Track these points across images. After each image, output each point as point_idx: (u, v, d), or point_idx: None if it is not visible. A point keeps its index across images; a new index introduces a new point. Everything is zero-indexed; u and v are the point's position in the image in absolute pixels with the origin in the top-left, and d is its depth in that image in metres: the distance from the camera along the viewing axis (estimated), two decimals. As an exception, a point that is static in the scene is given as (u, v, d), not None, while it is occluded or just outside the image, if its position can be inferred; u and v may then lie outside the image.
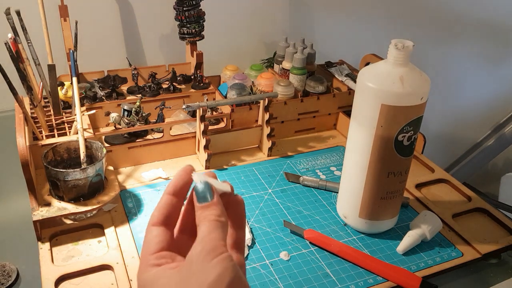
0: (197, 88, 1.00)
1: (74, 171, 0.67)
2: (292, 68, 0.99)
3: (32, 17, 0.86)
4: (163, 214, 0.37)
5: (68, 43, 0.91)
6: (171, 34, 1.12)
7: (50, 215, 0.66)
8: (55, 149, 0.72)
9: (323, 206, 0.79)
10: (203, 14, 0.99)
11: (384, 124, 0.63)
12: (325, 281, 0.64)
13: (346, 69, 1.08)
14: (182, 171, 0.38)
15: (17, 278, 0.63)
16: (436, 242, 0.72)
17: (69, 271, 0.63)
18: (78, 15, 0.92)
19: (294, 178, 0.84)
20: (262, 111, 0.89)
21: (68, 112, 0.88)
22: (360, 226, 0.73)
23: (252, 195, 0.80)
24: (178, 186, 0.38)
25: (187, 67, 1.04)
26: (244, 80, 0.97)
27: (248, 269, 0.65)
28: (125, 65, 1.07)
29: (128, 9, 1.07)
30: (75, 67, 0.82)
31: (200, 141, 0.86)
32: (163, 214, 0.37)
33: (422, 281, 0.63)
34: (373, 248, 0.71)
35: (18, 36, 0.79)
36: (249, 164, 0.88)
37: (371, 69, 0.66)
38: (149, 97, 0.95)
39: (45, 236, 0.68)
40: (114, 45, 1.09)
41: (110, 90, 0.94)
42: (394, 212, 0.72)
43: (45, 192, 0.71)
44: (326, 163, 0.91)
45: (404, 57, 0.62)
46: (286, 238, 0.71)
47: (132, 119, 0.85)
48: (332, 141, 0.99)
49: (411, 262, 0.68)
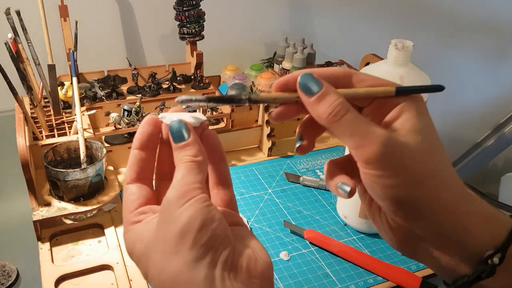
0: (197, 88, 1.00)
1: (74, 171, 0.67)
2: (292, 68, 0.98)
3: (32, 17, 0.86)
4: (135, 171, 0.36)
5: (68, 43, 0.91)
6: (171, 34, 1.12)
7: (50, 215, 0.66)
8: (55, 149, 0.72)
9: (323, 206, 0.79)
10: (203, 14, 0.99)
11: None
12: (325, 281, 0.64)
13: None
14: (146, 122, 0.36)
15: (17, 278, 0.63)
16: (436, 242, 0.72)
17: (69, 271, 0.63)
18: (78, 15, 0.92)
19: (294, 178, 0.84)
20: (262, 111, 0.89)
21: (68, 112, 0.88)
22: (360, 226, 0.73)
23: (252, 195, 0.80)
24: (144, 139, 0.36)
25: (187, 67, 1.04)
26: (244, 80, 0.97)
27: (248, 269, 0.65)
28: (125, 65, 1.07)
29: (128, 9, 1.07)
30: (75, 67, 0.82)
31: (200, 141, 0.86)
32: (135, 171, 0.36)
33: (422, 281, 0.63)
34: (373, 248, 0.71)
35: (18, 36, 0.79)
36: (249, 164, 0.88)
37: (371, 69, 0.65)
38: (149, 97, 0.95)
39: (45, 236, 0.68)
40: (114, 45, 1.09)
41: (110, 90, 0.94)
42: (394, 212, 0.72)
43: (45, 192, 0.71)
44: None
45: (404, 57, 0.62)
46: (286, 238, 0.71)
47: (132, 119, 0.85)
48: (332, 141, 0.99)
49: (411, 262, 0.68)
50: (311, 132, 0.37)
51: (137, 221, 0.33)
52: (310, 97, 0.33)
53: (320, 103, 0.33)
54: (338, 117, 0.32)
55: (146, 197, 0.35)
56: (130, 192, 0.35)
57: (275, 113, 0.36)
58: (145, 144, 0.36)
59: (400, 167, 0.32)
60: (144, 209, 0.34)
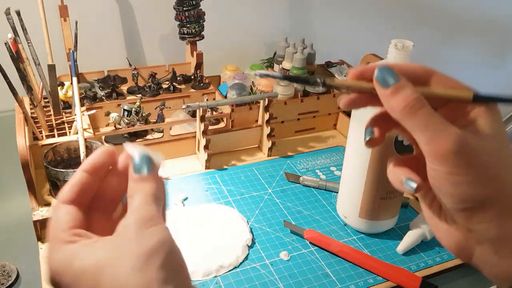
0: (197, 88, 1.00)
1: (74, 171, 0.67)
2: (292, 68, 0.99)
3: (32, 17, 0.86)
4: (75, 192, 0.34)
5: (68, 43, 0.91)
6: (171, 34, 1.12)
7: (50, 215, 0.66)
8: (55, 149, 0.72)
9: (323, 206, 0.79)
10: (203, 14, 0.99)
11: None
12: (325, 281, 0.64)
13: (346, 69, 1.08)
14: (104, 152, 0.35)
15: (17, 278, 0.63)
16: (436, 242, 0.72)
17: (69, 271, 0.62)
18: (78, 15, 0.92)
19: (294, 178, 0.84)
20: (262, 111, 0.89)
21: (68, 112, 0.88)
22: (360, 226, 0.73)
23: (252, 195, 0.80)
24: (97, 165, 0.35)
25: (187, 67, 1.04)
26: (244, 80, 0.97)
27: (248, 269, 0.65)
28: (125, 65, 1.07)
29: (128, 9, 1.07)
30: (75, 67, 0.82)
31: (200, 141, 0.86)
32: (75, 192, 0.34)
33: (422, 281, 0.63)
34: (373, 248, 0.71)
35: (18, 36, 0.79)
36: (249, 164, 0.88)
37: (371, 69, 0.65)
38: (149, 97, 0.95)
39: (45, 236, 0.68)
40: (114, 45, 1.09)
41: (110, 90, 0.94)
42: (394, 212, 0.72)
43: (45, 192, 0.71)
44: (326, 163, 0.91)
45: (404, 57, 0.62)
46: (286, 238, 0.71)
47: (132, 119, 0.85)
48: (332, 141, 0.99)
49: (411, 262, 0.68)
50: (382, 126, 0.38)
51: (72, 241, 0.32)
52: (385, 89, 0.34)
53: (396, 96, 0.33)
54: (413, 110, 0.33)
55: (80, 220, 0.34)
56: (65, 212, 0.34)
57: (346, 100, 0.37)
58: (95, 171, 0.35)
59: (474, 165, 0.32)
60: (80, 232, 0.33)
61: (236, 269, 0.65)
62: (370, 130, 0.38)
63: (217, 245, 0.67)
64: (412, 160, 0.37)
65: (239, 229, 0.71)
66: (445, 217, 0.37)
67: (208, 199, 0.79)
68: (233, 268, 0.65)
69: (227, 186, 0.82)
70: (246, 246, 0.69)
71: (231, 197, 0.79)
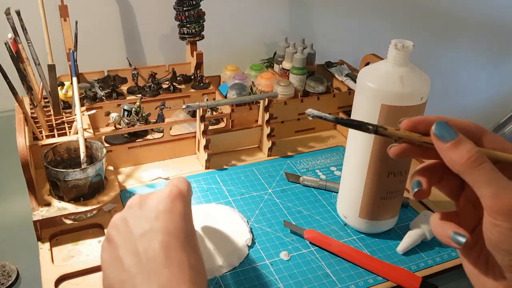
0: (197, 88, 1.00)
1: (74, 171, 0.67)
2: (292, 68, 0.99)
3: (32, 17, 0.86)
4: None
5: (68, 43, 0.91)
6: (171, 34, 1.12)
7: (50, 215, 0.66)
8: (55, 149, 0.72)
9: (323, 206, 0.79)
10: (203, 14, 0.99)
11: (384, 124, 0.63)
12: (325, 281, 0.64)
13: (346, 69, 1.08)
14: None
15: (17, 278, 0.63)
16: (436, 242, 0.72)
17: (69, 271, 0.63)
18: (78, 15, 0.92)
19: (294, 178, 0.84)
20: (262, 111, 0.89)
21: (68, 112, 0.88)
22: (360, 226, 0.73)
23: (252, 195, 0.80)
24: None
25: (187, 67, 1.04)
26: (244, 80, 0.97)
27: (248, 269, 0.65)
28: (125, 65, 1.07)
29: (128, 9, 1.07)
30: (75, 67, 0.82)
31: (200, 141, 0.86)
32: None
33: (422, 281, 0.63)
34: (373, 248, 0.71)
35: (18, 36, 0.79)
36: (249, 164, 0.88)
37: (371, 69, 0.66)
38: (149, 97, 0.95)
39: (45, 236, 0.68)
40: (114, 45, 1.09)
41: (110, 90, 0.94)
42: (394, 212, 0.72)
43: (45, 192, 0.71)
44: (326, 163, 0.91)
45: (404, 57, 0.62)
46: (286, 238, 0.71)
47: (132, 119, 0.85)
48: (332, 141, 0.99)
49: (411, 262, 0.68)
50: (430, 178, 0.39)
51: None
52: (445, 143, 0.35)
53: (457, 149, 0.34)
54: (476, 164, 0.33)
55: None
56: None
57: (396, 149, 0.39)
58: None
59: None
60: None
61: (236, 269, 0.65)
62: (417, 182, 0.39)
63: (217, 245, 0.67)
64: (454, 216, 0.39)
65: (239, 229, 0.71)
66: (493, 273, 0.37)
67: (208, 199, 0.79)
68: (233, 268, 0.65)
69: (227, 186, 0.82)
70: (246, 246, 0.69)
71: (231, 197, 0.79)
